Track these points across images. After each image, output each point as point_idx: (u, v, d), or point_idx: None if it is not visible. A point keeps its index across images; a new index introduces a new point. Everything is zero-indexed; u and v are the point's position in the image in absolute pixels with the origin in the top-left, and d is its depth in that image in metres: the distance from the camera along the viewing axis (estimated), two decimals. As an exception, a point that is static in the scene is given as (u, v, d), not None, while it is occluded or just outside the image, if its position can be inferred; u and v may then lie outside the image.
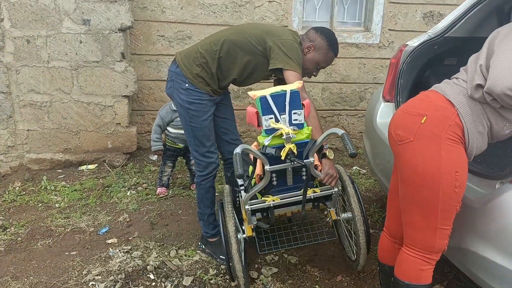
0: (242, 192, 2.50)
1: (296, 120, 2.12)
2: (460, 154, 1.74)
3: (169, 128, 3.56)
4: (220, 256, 2.75)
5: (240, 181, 2.65)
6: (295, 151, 2.10)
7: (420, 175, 1.76)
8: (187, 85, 2.54)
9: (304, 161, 2.16)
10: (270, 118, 2.08)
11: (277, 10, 4.35)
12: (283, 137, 2.08)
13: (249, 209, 2.30)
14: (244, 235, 2.42)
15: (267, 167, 2.13)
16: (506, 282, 1.79)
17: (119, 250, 2.86)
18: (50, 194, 3.63)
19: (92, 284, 2.54)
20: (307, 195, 2.31)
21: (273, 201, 2.31)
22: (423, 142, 1.75)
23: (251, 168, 2.48)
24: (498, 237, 1.81)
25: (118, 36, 3.84)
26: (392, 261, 2.12)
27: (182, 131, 3.51)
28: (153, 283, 2.56)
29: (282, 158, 2.09)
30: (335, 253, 2.86)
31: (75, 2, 3.70)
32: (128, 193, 3.66)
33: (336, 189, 2.39)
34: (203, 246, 2.85)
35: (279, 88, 2.14)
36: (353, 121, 4.88)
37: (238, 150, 2.03)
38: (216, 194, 3.01)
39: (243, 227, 2.44)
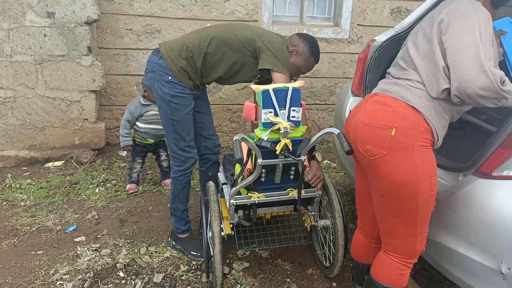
0: (225, 188, 2.50)
1: (294, 117, 2.16)
2: (431, 157, 1.76)
3: (138, 123, 3.51)
4: (192, 252, 2.74)
5: (222, 177, 2.65)
6: (290, 146, 2.14)
7: (399, 187, 1.73)
8: (170, 77, 2.50)
9: (297, 158, 2.21)
10: (270, 112, 2.12)
11: (247, 4, 4.33)
12: (280, 131, 2.12)
13: (234, 203, 2.31)
14: (223, 233, 2.41)
15: (259, 160, 2.15)
16: (469, 271, 1.85)
17: (87, 249, 2.80)
18: (15, 192, 3.52)
19: (59, 284, 2.48)
20: (292, 196, 2.37)
21: (258, 198, 2.33)
22: (397, 154, 1.71)
23: (237, 167, 2.49)
24: (461, 228, 1.87)
25: (84, 29, 3.74)
26: (367, 259, 2.14)
27: (152, 126, 3.48)
28: (123, 281, 2.52)
29: (277, 152, 2.13)
30: (305, 247, 2.89)
31: (38, -6, 3.59)
32: (96, 190, 3.59)
33: (320, 192, 2.44)
34: (173, 243, 2.83)
35: (281, 85, 2.18)
36: (324, 115, 4.93)
37: (237, 137, 2.07)
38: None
39: (221, 225, 2.44)
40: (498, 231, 1.70)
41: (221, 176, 2.69)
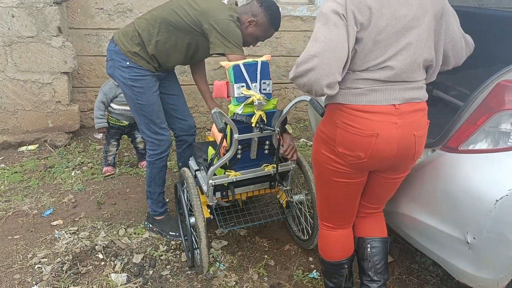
0: (199, 174, 2.52)
1: (265, 89, 2.22)
2: None
3: (112, 105, 3.47)
4: (170, 233, 2.76)
5: (193, 164, 2.66)
6: (264, 118, 2.19)
7: None
8: (128, 63, 2.48)
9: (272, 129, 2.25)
10: (242, 86, 2.16)
11: (221, -18, 4.28)
12: (254, 104, 2.15)
13: (213, 183, 2.33)
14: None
15: (236, 135, 2.18)
16: (437, 242, 1.94)
17: (65, 232, 2.80)
18: (-12, 178, 3.47)
19: (38, 267, 2.49)
20: (268, 171, 2.42)
21: (236, 176, 2.36)
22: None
23: (210, 150, 2.50)
24: (430, 201, 1.95)
25: (53, 9, 3.64)
26: (362, 233, 2.11)
27: (127, 108, 3.44)
28: (102, 263, 2.54)
29: (253, 124, 2.17)
30: (282, 225, 2.95)
31: (3, -28, 3.47)
32: (72, 174, 3.56)
33: (294, 165, 2.48)
34: (150, 225, 2.85)
35: (250, 59, 2.23)
36: (300, 94, 4.96)
37: (215, 110, 2.09)
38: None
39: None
40: (464, 202, 1.78)
41: (192, 164, 2.68)
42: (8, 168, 3.62)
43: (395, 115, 1.65)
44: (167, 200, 3.03)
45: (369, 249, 2.05)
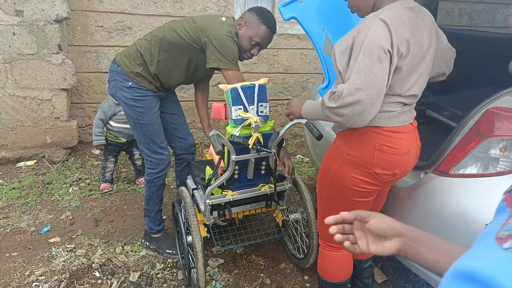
0: (196, 193, 2.56)
1: (262, 112, 2.26)
2: None
3: (111, 122, 3.51)
4: (167, 250, 2.79)
5: (191, 183, 2.69)
6: (261, 140, 2.23)
7: None
8: (130, 83, 2.53)
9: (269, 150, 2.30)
10: (239, 109, 2.20)
11: (219, 1, 4.36)
12: (252, 126, 2.19)
13: (210, 203, 2.36)
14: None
15: (233, 156, 2.22)
16: (429, 263, 1.97)
17: (62, 249, 2.82)
18: (-14, 194, 3.49)
19: (35, 285, 2.50)
20: (264, 191, 2.46)
21: (233, 195, 2.40)
22: None
23: (208, 170, 2.54)
24: (422, 223, 1.99)
25: (54, 27, 3.70)
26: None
27: (126, 125, 3.49)
28: (99, 281, 2.56)
29: (250, 146, 2.21)
30: (278, 243, 2.98)
31: (5, -9, 3.53)
32: (70, 190, 3.59)
33: (290, 185, 2.52)
34: (147, 243, 2.87)
35: (248, 82, 2.27)
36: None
37: (213, 132, 2.13)
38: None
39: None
40: (455, 225, 1.82)
41: (190, 183, 2.71)
42: (6, 184, 3.65)
43: (413, 131, 1.83)
44: (164, 217, 3.05)
45: (368, 267, 2.14)
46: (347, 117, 1.58)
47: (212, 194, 2.38)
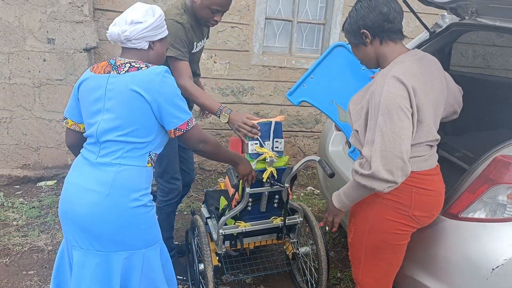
0: (210, 222, 2.64)
1: (277, 147, 2.37)
2: None
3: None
4: (177, 277, 2.83)
5: (205, 212, 2.78)
6: (275, 174, 2.34)
7: None
8: None
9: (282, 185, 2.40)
10: (256, 144, 2.32)
11: (239, 36, 4.53)
12: (266, 161, 2.30)
13: (223, 233, 2.44)
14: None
15: (248, 189, 2.31)
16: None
17: (78, 270, 2.89)
18: (7, 211, 3.61)
19: (51, 305, 2.58)
20: (276, 223, 2.53)
21: (245, 227, 2.48)
22: None
23: (222, 200, 2.63)
24: (431, 264, 2.04)
25: (82, 55, 3.89)
26: None
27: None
28: (113, 304, 2.62)
29: (264, 180, 2.31)
30: (286, 274, 3.01)
31: (40, 21, 3.73)
32: (87, 211, 3.68)
33: (301, 219, 2.60)
34: (158, 268, 2.92)
35: (265, 119, 2.39)
36: (309, 142, 5.12)
37: (230, 167, 2.26)
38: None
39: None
40: (463, 269, 1.88)
41: (204, 211, 2.79)
42: (26, 202, 3.77)
43: (440, 173, 1.93)
44: (176, 243, 3.12)
45: None
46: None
47: (225, 224, 2.46)
